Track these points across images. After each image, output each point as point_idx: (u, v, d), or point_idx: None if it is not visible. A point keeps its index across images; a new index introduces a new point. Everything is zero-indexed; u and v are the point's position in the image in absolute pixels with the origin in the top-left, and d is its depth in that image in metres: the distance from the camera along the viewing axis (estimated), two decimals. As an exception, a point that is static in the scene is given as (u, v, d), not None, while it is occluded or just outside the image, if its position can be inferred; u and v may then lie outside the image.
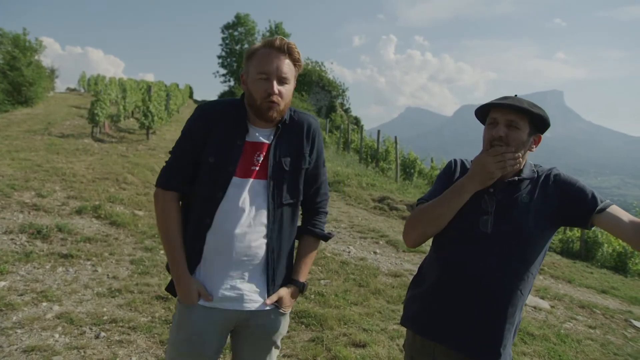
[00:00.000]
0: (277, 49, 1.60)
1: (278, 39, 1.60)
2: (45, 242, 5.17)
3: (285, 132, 1.72)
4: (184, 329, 1.69)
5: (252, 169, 1.66)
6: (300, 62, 1.67)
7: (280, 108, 1.64)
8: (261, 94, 1.60)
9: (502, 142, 1.59)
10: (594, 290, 7.02)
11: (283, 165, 1.69)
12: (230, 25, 60.28)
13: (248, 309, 1.68)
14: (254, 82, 1.62)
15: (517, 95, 1.66)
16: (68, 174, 7.59)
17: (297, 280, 1.80)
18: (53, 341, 3.29)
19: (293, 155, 1.72)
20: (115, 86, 17.84)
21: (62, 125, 13.23)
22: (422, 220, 1.70)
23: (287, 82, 1.64)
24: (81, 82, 32.12)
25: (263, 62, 1.60)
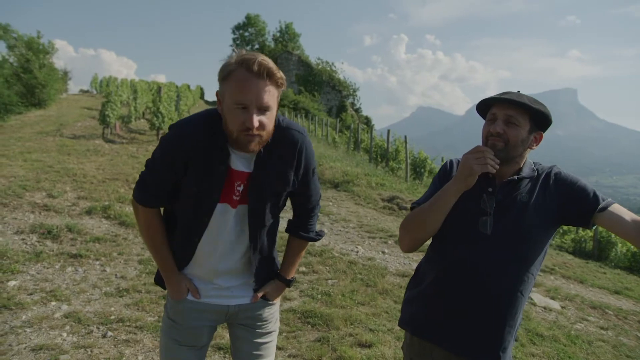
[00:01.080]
0: (257, 74, 1.40)
1: (257, 63, 1.38)
2: (55, 242, 5.23)
3: (266, 156, 1.58)
4: (175, 321, 1.73)
5: (235, 197, 1.61)
6: (283, 83, 1.49)
7: (263, 139, 1.49)
8: (238, 125, 1.43)
9: (500, 139, 1.55)
10: (606, 290, 6.91)
11: (264, 193, 1.62)
12: (241, 26, 60.60)
13: (235, 304, 1.72)
14: (230, 111, 1.43)
15: (520, 92, 1.61)
16: (79, 175, 7.67)
17: (284, 277, 1.82)
18: (61, 340, 3.33)
19: (276, 180, 1.63)
20: (126, 87, 18.01)
21: (74, 126, 13.38)
22: (413, 226, 1.67)
23: (269, 109, 1.45)
24: (93, 83, 32.49)
25: (240, 90, 1.40)
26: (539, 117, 1.56)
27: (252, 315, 1.76)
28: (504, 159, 1.57)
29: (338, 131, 27.70)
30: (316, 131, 28.08)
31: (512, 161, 1.60)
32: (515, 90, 1.63)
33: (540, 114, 1.55)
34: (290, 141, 1.61)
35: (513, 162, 1.61)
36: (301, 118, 33.11)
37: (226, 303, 1.71)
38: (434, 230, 1.63)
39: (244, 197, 1.61)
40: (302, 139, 1.63)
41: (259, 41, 60.12)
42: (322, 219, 8.17)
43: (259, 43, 60.00)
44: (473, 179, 1.53)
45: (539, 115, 1.55)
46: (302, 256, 1.90)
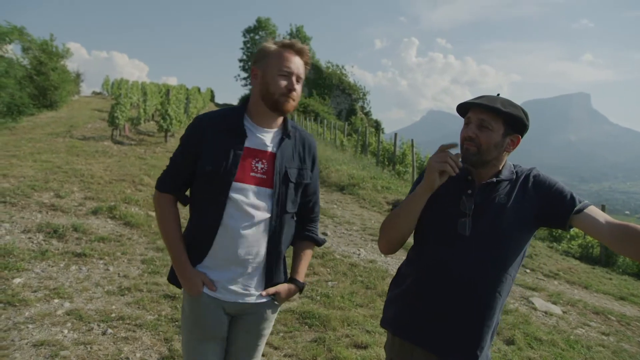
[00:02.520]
0: (297, 51, 1.74)
1: (297, 43, 1.75)
2: (61, 241, 5.33)
3: (288, 144, 1.82)
4: (193, 316, 1.82)
5: (252, 175, 1.74)
6: (309, 64, 1.81)
7: (295, 104, 1.77)
8: (281, 89, 1.71)
9: (473, 143, 1.57)
10: (611, 296, 6.85)
11: (289, 176, 1.80)
12: (252, 29, 60.86)
13: (247, 302, 1.81)
14: (274, 78, 1.72)
15: (500, 95, 1.64)
16: (86, 176, 7.79)
17: (298, 280, 1.92)
18: (62, 336, 3.40)
19: (297, 168, 1.83)
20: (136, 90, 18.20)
21: (84, 128, 13.58)
22: (387, 228, 1.72)
23: (301, 81, 1.78)
24: (105, 85, 32.89)
25: (286, 61, 1.72)
26: (512, 120, 1.57)
27: (256, 313, 1.85)
28: (477, 162, 1.60)
29: (347, 134, 27.71)
30: (325, 134, 28.14)
31: (490, 164, 1.62)
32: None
33: (512, 117, 1.56)
34: (308, 140, 1.91)
35: (491, 165, 1.63)
36: (310, 121, 33.20)
37: (240, 300, 1.79)
38: (407, 232, 1.67)
39: (269, 179, 1.76)
40: (315, 143, 1.95)
41: (269, 44, 60.31)
42: (326, 222, 8.21)
43: (269, 46, 60.19)
44: (433, 178, 1.53)
45: (511, 118, 1.56)
46: (309, 260, 2.00)
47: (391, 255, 1.81)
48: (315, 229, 2.00)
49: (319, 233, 2.03)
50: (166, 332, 3.61)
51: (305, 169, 1.86)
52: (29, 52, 19.75)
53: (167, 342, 3.50)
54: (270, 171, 1.76)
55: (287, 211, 1.81)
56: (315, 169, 1.92)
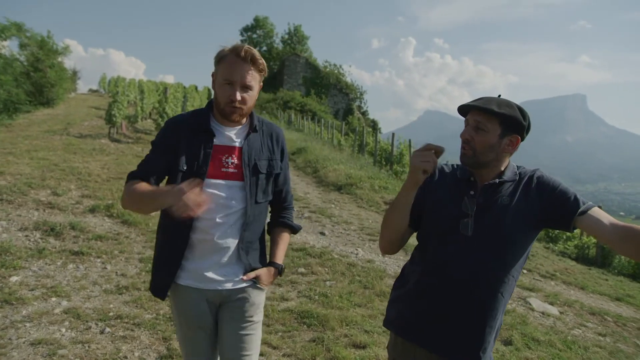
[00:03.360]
0: (242, 58, 1.71)
1: (243, 50, 1.70)
2: (58, 239, 5.31)
3: (255, 137, 1.88)
4: (182, 308, 1.87)
5: (224, 170, 1.80)
6: (264, 70, 1.80)
7: (243, 112, 1.79)
8: (225, 99, 1.75)
9: (469, 146, 1.58)
10: (607, 297, 6.88)
11: (259, 168, 1.86)
12: (249, 28, 60.76)
13: (227, 288, 1.85)
14: (220, 87, 1.76)
15: (501, 96, 1.63)
16: (83, 174, 7.77)
17: (276, 262, 1.99)
18: (59, 335, 3.39)
19: (267, 159, 1.90)
20: (134, 88, 18.15)
21: (81, 125, 13.53)
22: (383, 226, 1.74)
23: (251, 88, 1.76)
24: (102, 83, 32.76)
25: (228, 69, 1.72)
26: (508, 120, 1.56)
27: (241, 298, 1.87)
28: (474, 164, 1.61)
29: (344, 134, 27.69)
30: (322, 133, 28.11)
31: (490, 165, 1.62)
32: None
33: (507, 117, 1.55)
34: (275, 131, 1.96)
35: (492, 166, 1.63)
36: (307, 120, 33.16)
37: (220, 287, 1.83)
38: (400, 229, 1.67)
39: (239, 172, 1.80)
40: (282, 133, 2.01)
41: (267, 43, 60.29)
42: (324, 221, 8.20)
43: (267, 45, 60.17)
44: (417, 176, 1.54)
45: (506, 118, 1.55)
46: (287, 244, 2.07)
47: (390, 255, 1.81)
48: (290, 216, 2.07)
49: (293, 220, 2.09)
50: (164, 331, 3.60)
51: (275, 160, 1.92)
52: (26, 49, 19.65)
53: (165, 341, 3.49)
54: (240, 165, 1.82)
55: (258, 201, 1.87)
56: (284, 159, 1.98)
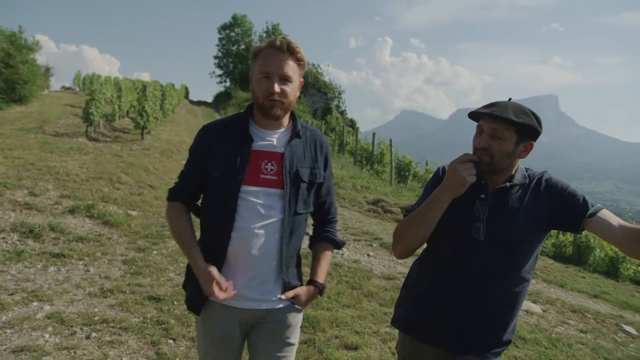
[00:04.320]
0: (278, 48, 1.63)
1: (279, 39, 1.63)
2: (37, 241, 5.15)
3: (298, 143, 1.76)
4: (209, 328, 1.75)
5: (262, 177, 1.69)
6: (303, 62, 1.70)
7: (284, 105, 1.67)
8: (263, 92, 1.64)
9: (486, 154, 1.57)
10: (585, 294, 7.05)
11: (301, 175, 1.73)
12: (227, 26, 60.18)
13: (264, 308, 1.73)
14: (257, 82, 1.66)
15: (512, 99, 1.64)
16: (61, 173, 7.54)
17: (317, 281, 1.83)
18: (43, 341, 3.27)
19: (309, 167, 1.77)
20: (110, 85, 17.77)
21: (57, 124, 13.15)
22: (404, 234, 1.70)
23: (290, 80, 1.65)
24: (76, 80, 31.96)
25: (265, 61, 1.63)
26: (524, 128, 1.56)
27: (278, 320, 1.76)
28: (490, 172, 1.61)
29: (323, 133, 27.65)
30: (302, 133, 27.99)
31: (503, 170, 1.63)
32: (502, 98, 1.65)
33: (525, 126, 1.55)
34: (320, 139, 1.84)
35: (504, 171, 1.63)
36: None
37: (256, 307, 1.72)
38: (426, 238, 1.66)
39: (279, 179, 1.69)
40: (327, 141, 1.88)
41: (245, 41, 59.83)
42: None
43: (245, 43, 59.72)
44: (464, 188, 1.54)
45: (524, 127, 1.56)
46: (329, 262, 1.92)
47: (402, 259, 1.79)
48: (333, 230, 1.93)
49: (337, 234, 1.95)
50: (152, 335, 3.52)
51: (318, 168, 1.79)
52: (-4, 44, 19.00)
53: (154, 345, 3.41)
54: (280, 172, 1.69)
55: (299, 212, 1.74)
56: (328, 169, 1.85)
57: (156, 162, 10.64)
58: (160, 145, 12.76)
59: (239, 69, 58.63)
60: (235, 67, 59.45)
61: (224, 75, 60.75)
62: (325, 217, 1.92)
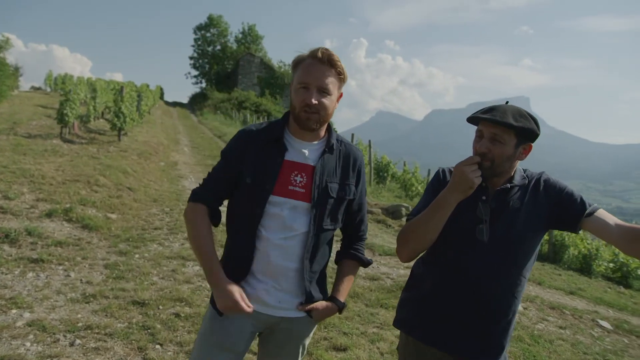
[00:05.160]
0: (319, 60, 1.61)
1: (320, 50, 1.62)
2: (14, 246, 4.99)
3: (331, 157, 1.73)
4: (217, 329, 1.72)
5: (291, 188, 1.67)
6: (344, 75, 1.68)
7: (321, 118, 1.65)
8: (300, 102, 1.63)
9: (487, 158, 1.60)
10: (562, 291, 7.24)
11: (329, 191, 1.71)
12: (203, 26, 59.66)
13: (279, 316, 1.72)
14: (295, 91, 1.65)
15: (509, 102, 1.67)
16: (36, 176, 7.33)
17: (338, 299, 1.80)
18: (24, 350, 3.17)
19: (339, 183, 1.74)
20: (84, 86, 17.35)
21: (29, 125, 12.76)
22: (410, 237, 1.70)
23: (329, 92, 1.63)
24: (48, 81, 31.12)
25: (305, 72, 1.63)
26: (525, 132, 1.59)
27: (290, 328, 1.75)
28: (491, 175, 1.64)
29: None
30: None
31: (503, 172, 1.66)
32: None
33: (524, 130, 1.58)
34: (354, 154, 1.80)
35: (504, 173, 1.67)
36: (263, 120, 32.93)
37: (272, 314, 1.71)
38: (433, 240, 1.67)
39: (307, 193, 1.67)
40: (362, 157, 1.84)
41: (221, 42, 59.38)
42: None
43: (221, 44, 59.27)
44: (472, 190, 1.57)
45: (523, 130, 1.59)
46: (352, 280, 1.89)
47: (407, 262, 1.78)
48: (361, 248, 1.89)
49: (364, 253, 1.91)
50: (139, 340, 3.45)
51: (349, 185, 1.76)
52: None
53: (141, 350, 3.34)
54: (309, 185, 1.68)
55: (325, 228, 1.71)
56: (360, 185, 1.81)
57: (134, 164, 10.44)
58: (138, 147, 12.53)
59: (215, 70, 58.09)
60: (211, 67, 58.92)
61: (200, 76, 60.18)
62: (354, 234, 1.88)
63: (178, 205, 8.06)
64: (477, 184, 1.56)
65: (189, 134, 22.15)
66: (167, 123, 24.27)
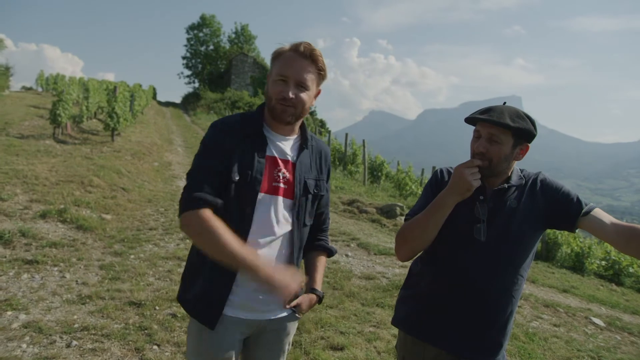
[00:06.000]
0: (301, 54, 1.57)
1: (303, 45, 1.58)
2: (8, 247, 4.95)
3: (306, 153, 1.72)
4: (207, 347, 1.65)
5: (275, 185, 1.63)
6: (324, 71, 1.65)
7: (296, 112, 1.61)
8: (276, 94, 1.58)
9: (484, 158, 1.62)
10: (556, 289, 7.29)
11: (308, 187, 1.70)
12: (196, 26, 59.37)
13: (267, 319, 1.70)
14: (273, 83, 1.60)
15: (506, 103, 1.69)
16: (30, 177, 7.28)
17: (316, 289, 1.80)
18: (20, 352, 3.15)
19: (315, 179, 1.74)
20: (76, 86, 17.26)
21: (21, 125, 12.67)
22: (409, 237, 1.72)
23: (307, 87, 1.59)
24: (39, 81, 30.87)
25: (285, 65, 1.57)
26: (521, 132, 1.61)
27: (277, 329, 1.74)
28: (489, 175, 1.66)
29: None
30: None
31: (500, 172, 1.68)
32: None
33: (521, 131, 1.60)
34: (324, 150, 1.82)
35: (501, 173, 1.69)
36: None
37: (261, 317, 1.68)
38: (431, 240, 1.69)
39: (290, 189, 1.65)
40: (329, 152, 1.85)
41: (214, 42, 59.13)
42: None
43: (213, 44, 59.02)
44: (470, 193, 1.59)
45: (520, 131, 1.61)
46: (324, 270, 1.89)
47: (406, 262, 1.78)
48: (327, 238, 1.91)
49: (329, 242, 1.92)
50: (136, 341, 3.44)
51: (322, 180, 1.77)
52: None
53: (138, 351, 3.34)
54: (291, 181, 1.65)
55: (306, 224, 1.72)
56: (329, 181, 1.83)
57: (128, 164, 10.40)
58: (132, 147, 12.48)
59: (208, 70, 57.86)
60: (204, 67, 58.68)
61: (193, 76, 59.92)
62: (319, 227, 1.88)
63: (172, 205, 8.04)
64: (475, 187, 1.58)
65: (183, 134, 22.07)
66: (160, 123, 24.16)
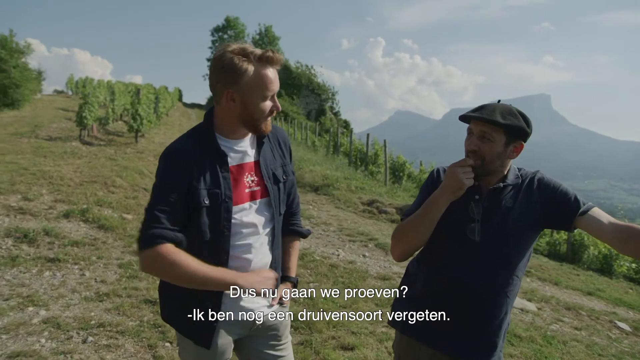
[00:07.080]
0: (274, 64, 1.54)
1: (275, 56, 1.52)
2: (32, 246, 5.12)
3: (266, 145, 1.71)
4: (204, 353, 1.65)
5: (247, 191, 1.62)
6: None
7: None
8: (267, 113, 1.57)
9: (477, 156, 1.60)
10: (580, 292, 7.10)
11: (277, 177, 1.71)
12: (220, 28, 60.15)
13: (259, 316, 1.69)
14: (259, 105, 1.54)
15: (501, 101, 1.66)
16: (55, 177, 7.52)
17: (290, 276, 1.85)
18: (39, 346, 3.27)
19: (281, 166, 1.75)
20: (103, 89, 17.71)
21: (50, 128, 13.10)
22: (403, 237, 1.71)
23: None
24: (69, 84, 31.82)
25: (268, 82, 1.52)
26: (513, 130, 1.58)
27: (270, 325, 1.74)
28: (482, 174, 1.63)
29: (317, 135, 27.74)
30: (295, 134, 28.10)
31: (496, 171, 1.66)
32: (494, 98, 1.67)
33: (512, 127, 1.57)
34: (281, 135, 1.82)
35: (496, 172, 1.66)
36: (280, 121, 33.11)
37: (251, 319, 1.66)
38: (425, 240, 1.68)
39: (263, 188, 1.66)
40: (287, 135, 1.86)
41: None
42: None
43: (238, 45, 59.62)
44: (462, 192, 1.58)
45: (511, 128, 1.57)
46: (297, 254, 1.92)
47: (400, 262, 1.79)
48: (299, 222, 1.91)
49: (302, 225, 1.94)
50: (149, 338, 3.52)
51: (287, 164, 1.79)
52: (-13, 48, 18.91)
53: (151, 348, 3.41)
54: (260, 180, 1.66)
55: (282, 212, 1.75)
56: (292, 160, 1.85)
57: (150, 165, 10.61)
58: (155, 149, 12.73)
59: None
60: (229, 69, 59.39)
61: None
62: (289, 210, 1.87)
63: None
64: (467, 186, 1.56)
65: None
66: (185, 125, 24.56)
